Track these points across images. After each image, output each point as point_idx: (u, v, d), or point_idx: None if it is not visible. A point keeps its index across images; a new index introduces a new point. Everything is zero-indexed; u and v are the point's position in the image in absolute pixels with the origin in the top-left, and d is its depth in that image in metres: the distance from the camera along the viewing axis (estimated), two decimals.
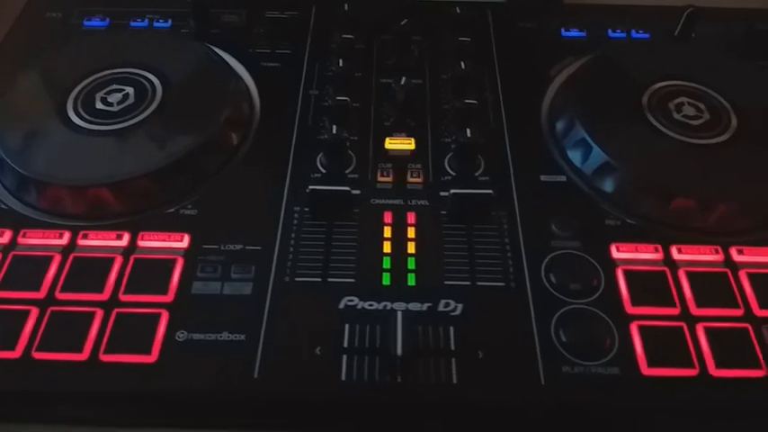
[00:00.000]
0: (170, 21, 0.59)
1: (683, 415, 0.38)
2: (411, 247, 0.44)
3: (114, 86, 0.50)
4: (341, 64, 0.52)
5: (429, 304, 0.41)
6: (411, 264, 0.43)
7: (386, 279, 0.42)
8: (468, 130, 0.47)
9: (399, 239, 0.44)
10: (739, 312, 0.40)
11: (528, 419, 0.38)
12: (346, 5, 0.57)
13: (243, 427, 0.38)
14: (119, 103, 0.49)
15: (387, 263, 0.43)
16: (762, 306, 0.41)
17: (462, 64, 0.52)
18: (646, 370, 0.38)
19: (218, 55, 0.54)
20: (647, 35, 0.59)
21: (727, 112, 0.50)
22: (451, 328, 0.40)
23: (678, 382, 0.38)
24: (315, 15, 0.60)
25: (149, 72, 0.51)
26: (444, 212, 0.45)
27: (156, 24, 0.59)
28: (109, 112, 0.49)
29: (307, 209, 0.45)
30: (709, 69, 0.53)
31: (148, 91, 0.50)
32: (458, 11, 0.57)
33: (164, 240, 0.43)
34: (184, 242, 0.43)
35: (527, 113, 0.52)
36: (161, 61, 0.52)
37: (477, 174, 0.48)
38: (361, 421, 0.38)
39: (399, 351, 0.36)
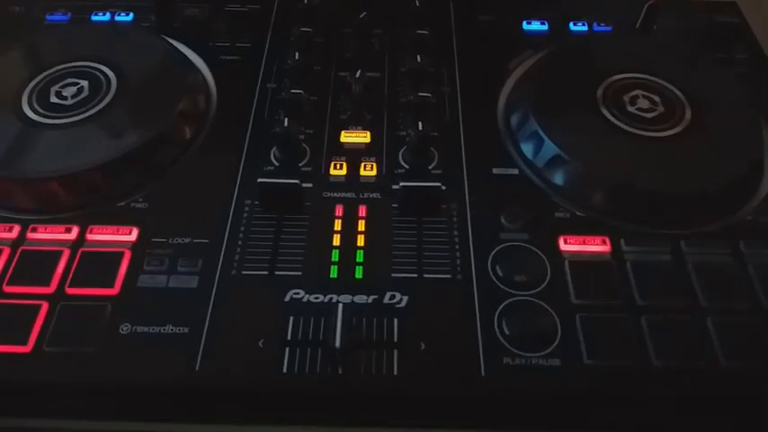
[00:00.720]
0: (131, 14, 0.59)
1: (624, 406, 0.38)
2: (360, 240, 0.44)
3: (69, 80, 0.50)
4: (297, 57, 0.52)
5: (375, 297, 0.41)
6: (359, 257, 0.43)
7: (333, 272, 0.42)
8: (420, 124, 0.48)
9: (349, 232, 0.44)
10: (684, 304, 0.41)
11: (468, 411, 0.38)
12: None
13: (184, 418, 0.38)
14: (73, 96, 0.49)
15: (335, 256, 0.43)
16: (706, 297, 0.41)
17: (418, 57, 0.52)
18: (587, 361, 0.38)
19: (176, 48, 0.54)
20: (608, 28, 0.59)
21: (681, 105, 0.50)
22: (395, 320, 0.40)
23: (620, 373, 0.38)
24: (276, 9, 0.60)
25: (105, 65, 0.51)
26: (395, 205, 0.46)
27: (117, 18, 0.59)
28: (63, 106, 0.49)
29: (257, 202, 0.45)
30: (666, 62, 0.53)
31: (103, 84, 0.50)
32: (417, 4, 0.57)
33: (112, 234, 0.43)
34: (133, 235, 0.43)
35: (484, 107, 0.52)
36: (117, 55, 0.52)
37: (430, 167, 0.48)
38: (302, 412, 0.39)
39: (338, 343, 0.37)
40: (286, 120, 0.47)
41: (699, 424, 0.39)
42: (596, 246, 0.43)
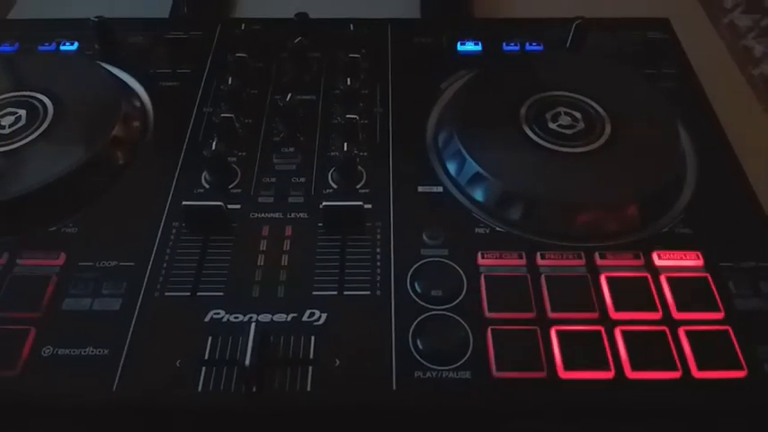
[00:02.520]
0: (76, 43, 0.61)
1: (532, 417, 0.39)
2: (284, 260, 0.45)
3: (8, 110, 0.52)
4: (230, 81, 0.54)
5: (294, 315, 0.42)
6: (282, 276, 0.44)
7: (255, 291, 0.43)
8: (345, 145, 0.49)
9: (274, 252, 0.45)
10: (595, 316, 0.42)
11: (379, 424, 0.39)
12: (243, 25, 0.59)
13: None
14: (11, 125, 0.51)
15: (258, 275, 0.44)
16: (617, 308, 0.42)
17: (349, 80, 0.54)
18: (496, 373, 0.39)
19: (115, 75, 0.56)
20: (540, 47, 0.61)
21: (602, 121, 0.51)
22: (313, 338, 0.41)
23: (527, 385, 0.39)
24: (218, 35, 0.62)
25: (44, 94, 0.53)
26: (321, 225, 0.47)
27: (62, 47, 0.61)
28: (1, 135, 0.50)
29: (185, 224, 0.46)
30: (590, 79, 0.55)
31: (40, 112, 0.51)
32: (351, 28, 0.59)
33: (41, 259, 0.44)
34: (61, 260, 0.44)
35: (414, 127, 0.54)
36: (57, 83, 0.54)
37: (358, 186, 0.50)
38: (217, 430, 0.39)
39: (248, 362, 0.37)
40: (214, 143, 0.49)
41: None
42: (512, 260, 0.44)
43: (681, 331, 0.41)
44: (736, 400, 0.39)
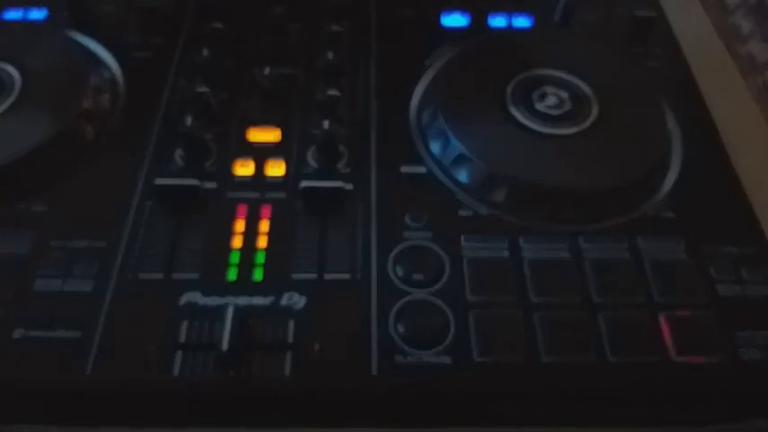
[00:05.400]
0: (45, 10, 0.58)
1: (513, 401, 0.39)
2: (262, 242, 0.44)
3: None
4: (206, 54, 0.52)
5: (272, 298, 0.41)
6: (260, 258, 0.43)
7: (232, 274, 0.42)
8: (326, 122, 0.47)
9: (251, 233, 0.44)
10: (577, 300, 0.41)
11: (358, 408, 0.39)
12: None
13: (75, 423, 0.38)
14: None
15: (235, 258, 0.43)
16: (599, 293, 0.42)
17: (330, 54, 0.52)
18: (477, 357, 0.39)
19: (83, 45, 0.53)
20: (527, 23, 0.59)
21: (588, 101, 0.50)
22: (291, 322, 0.40)
23: (509, 369, 0.39)
24: (193, 4, 0.59)
25: (9, 64, 0.50)
26: (301, 205, 0.46)
27: (31, 14, 0.58)
28: None
29: (158, 203, 0.45)
30: (578, 57, 0.54)
31: (6, 83, 0.49)
32: None
33: (9, 237, 0.43)
34: (30, 239, 0.43)
35: (397, 104, 0.52)
36: (24, 53, 0.51)
37: (339, 165, 0.48)
38: (192, 414, 0.39)
39: (225, 346, 0.37)
40: (189, 119, 0.47)
41: (587, 416, 0.40)
42: (496, 243, 0.44)
43: (661, 316, 0.41)
44: (712, 385, 0.39)
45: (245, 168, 0.47)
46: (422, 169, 0.48)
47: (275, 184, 0.47)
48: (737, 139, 0.52)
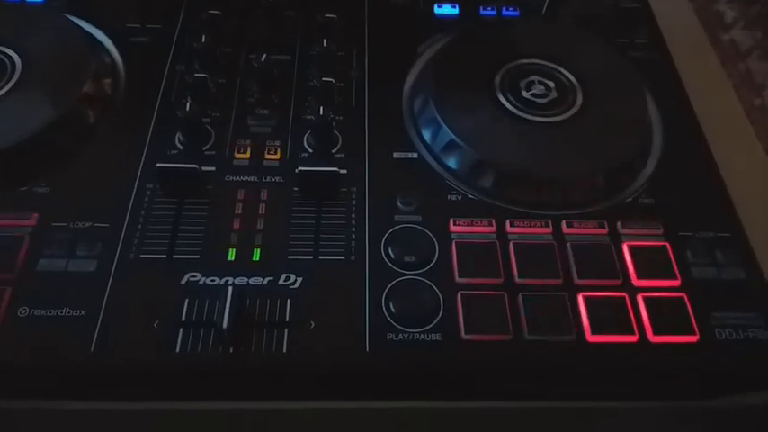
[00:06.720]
0: None
1: (499, 377, 0.42)
2: (260, 224, 0.45)
3: None
4: (204, 39, 0.53)
5: (270, 278, 0.43)
6: (258, 240, 0.45)
7: (231, 255, 0.44)
8: (321, 108, 0.49)
9: (250, 216, 0.46)
10: (559, 282, 0.44)
11: (352, 385, 0.41)
12: None
13: (80, 398, 0.40)
14: None
15: (234, 239, 0.45)
16: (580, 275, 0.44)
17: (325, 41, 0.53)
18: (464, 335, 0.41)
19: (83, 30, 0.54)
20: (516, 12, 0.61)
21: (574, 90, 0.52)
22: (288, 301, 0.42)
23: (494, 347, 0.41)
24: None
25: (9, 48, 0.51)
26: (297, 189, 0.47)
27: None
28: None
29: (159, 186, 0.46)
30: (565, 47, 0.55)
31: (8, 67, 0.50)
32: None
33: (12, 219, 0.44)
34: (33, 220, 0.44)
35: (390, 91, 0.54)
36: (24, 36, 0.52)
37: (333, 151, 0.50)
38: (194, 390, 0.41)
39: (225, 324, 0.38)
40: (189, 103, 0.48)
41: (568, 391, 0.42)
42: (483, 227, 0.46)
43: (639, 297, 0.43)
44: (688, 364, 0.42)
45: (242, 153, 0.49)
46: (413, 155, 0.50)
47: (272, 168, 0.48)
48: (717, 126, 0.54)
